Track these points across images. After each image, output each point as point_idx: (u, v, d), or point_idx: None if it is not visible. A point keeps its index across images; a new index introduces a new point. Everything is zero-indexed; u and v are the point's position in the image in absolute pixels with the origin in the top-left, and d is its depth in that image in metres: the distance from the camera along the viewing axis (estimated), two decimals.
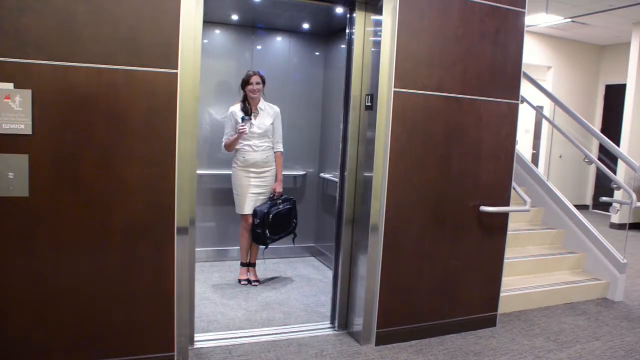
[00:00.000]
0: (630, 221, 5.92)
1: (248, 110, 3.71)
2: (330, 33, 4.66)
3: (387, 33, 2.77)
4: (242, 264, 3.97)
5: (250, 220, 3.75)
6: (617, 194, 6.18)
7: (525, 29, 3.17)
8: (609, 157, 5.58)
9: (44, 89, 2.16)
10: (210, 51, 4.39)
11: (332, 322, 3.17)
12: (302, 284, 4.04)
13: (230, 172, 3.87)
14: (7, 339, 2.23)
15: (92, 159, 2.27)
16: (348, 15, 3.02)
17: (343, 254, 3.09)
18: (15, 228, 2.19)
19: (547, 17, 6.70)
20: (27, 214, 2.20)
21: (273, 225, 3.75)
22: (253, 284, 3.93)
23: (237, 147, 3.73)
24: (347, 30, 3.04)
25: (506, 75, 3.12)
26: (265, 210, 3.70)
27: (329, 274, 4.02)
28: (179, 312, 2.50)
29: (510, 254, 3.94)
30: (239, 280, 3.94)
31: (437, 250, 3.06)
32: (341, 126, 3.11)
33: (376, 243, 2.89)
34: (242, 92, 3.76)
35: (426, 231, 3.01)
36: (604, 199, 4.50)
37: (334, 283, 3.18)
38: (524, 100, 4.47)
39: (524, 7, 3.11)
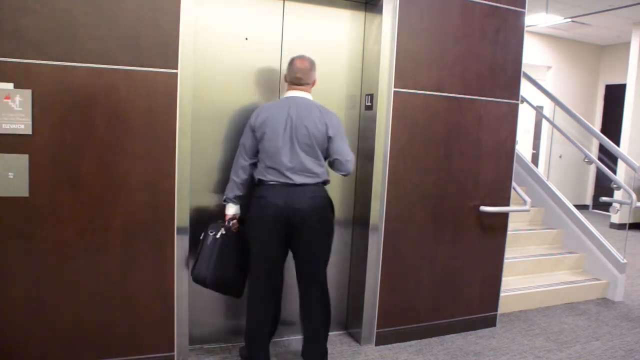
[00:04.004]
0: (630, 221, 5.92)
1: None
2: None
3: (387, 33, 2.77)
4: None
5: None
6: (617, 194, 6.18)
7: (525, 29, 3.17)
8: (609, 157, 5.58)
9: (44, 89, 2.16)
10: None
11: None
12: None
13: None
14: (6, 339, 2.23)
15: (92, 159, 2.27)
16: None
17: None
18: (15, 228, 2.19)
19: (547, 17, 6.70)
20: (27, 214, 2.20)
21: None
22: None
23: None
24: None
25: (506, 75, 3.12)
26: None
27: None
28: (179, 312, 2.50)
29: (510, 254, 3.94)
30: None
31: (437, 250, 3.06)
32: None
33: (376, 243, 2.89)
34: None
35: (426, 231, 3.01)
36: (604, 199, 4.50)
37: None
38: (524, 100, 4.47)
39: (524, 7, 3.11)
